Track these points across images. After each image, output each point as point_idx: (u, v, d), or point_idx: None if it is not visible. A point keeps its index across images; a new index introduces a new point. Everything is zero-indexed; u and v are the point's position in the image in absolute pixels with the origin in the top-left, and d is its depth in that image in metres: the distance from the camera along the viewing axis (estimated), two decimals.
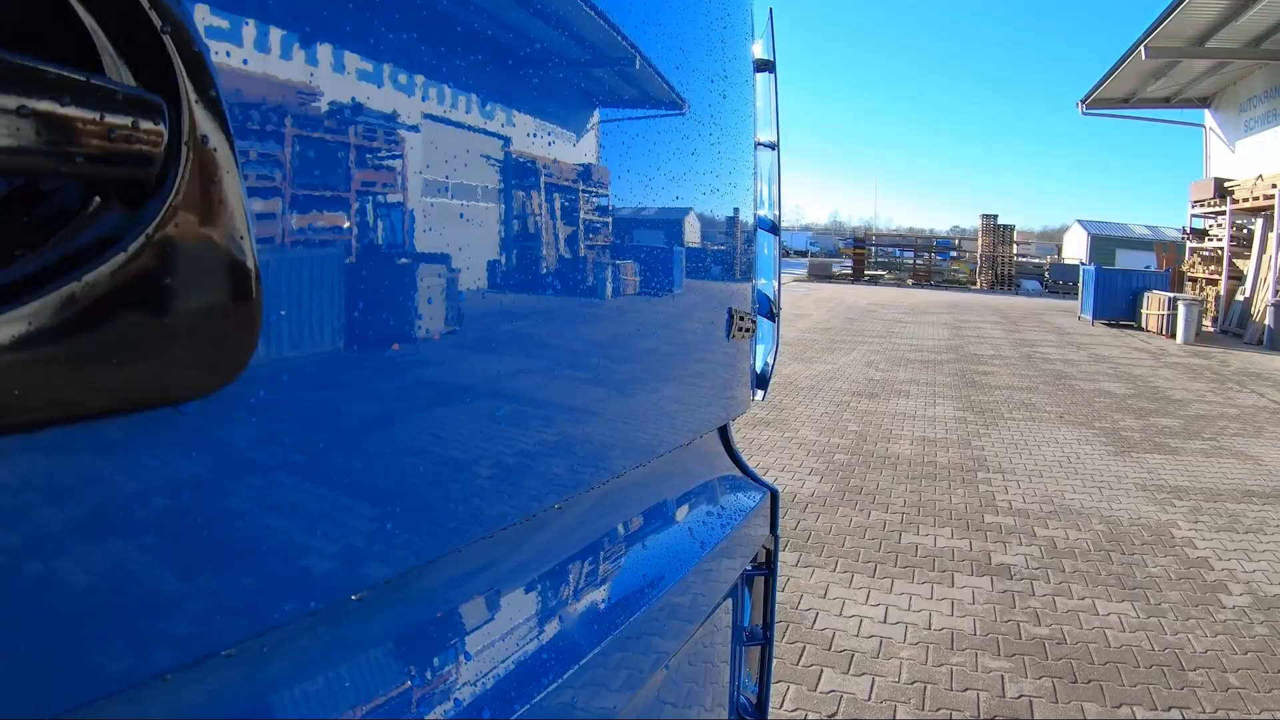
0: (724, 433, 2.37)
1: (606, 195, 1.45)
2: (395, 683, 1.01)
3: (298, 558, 0.85)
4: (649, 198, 1.61)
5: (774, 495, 2.34)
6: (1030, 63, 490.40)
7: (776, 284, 2.64)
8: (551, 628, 1.33)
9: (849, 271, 54.64)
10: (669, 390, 1.84)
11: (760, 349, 2.58)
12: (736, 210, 2.14)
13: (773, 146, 2.50)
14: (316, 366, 0.86)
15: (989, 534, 7.11)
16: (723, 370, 2.17)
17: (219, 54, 0.69)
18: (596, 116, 1.42)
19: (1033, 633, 5.28)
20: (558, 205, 1.29)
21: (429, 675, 1.07)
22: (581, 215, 1.38)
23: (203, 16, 0.67)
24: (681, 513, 1.94)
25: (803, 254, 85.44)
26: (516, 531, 1.29)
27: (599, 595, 1.50)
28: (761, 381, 2.59)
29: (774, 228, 2.54)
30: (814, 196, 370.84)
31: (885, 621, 5.39)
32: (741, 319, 2.14)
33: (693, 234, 1.87)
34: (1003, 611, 5.58)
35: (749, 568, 2.27)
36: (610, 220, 1.47)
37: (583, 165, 1.37)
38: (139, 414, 0.66)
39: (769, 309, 2.61)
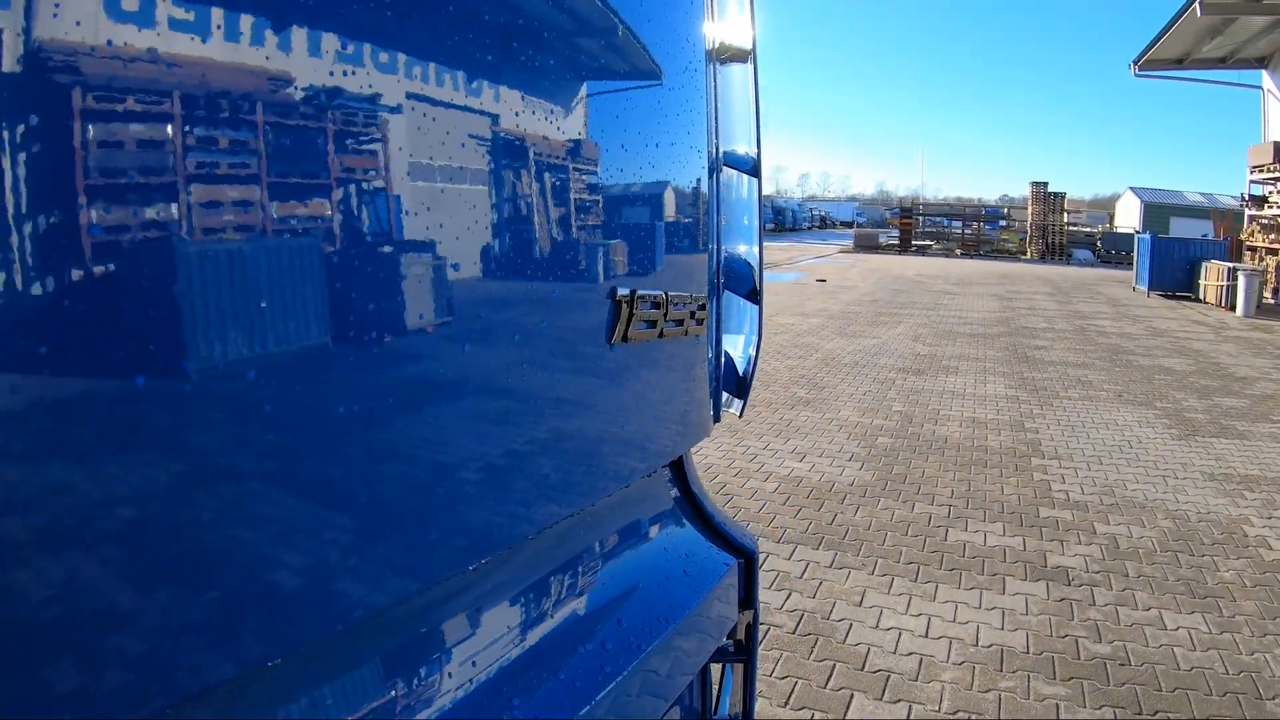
0: (681, 472, 1.75)
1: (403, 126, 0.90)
2: None
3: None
4: (497, 131, 1.03)
5: (749, 559, 1.72)
6: (1081, 21, 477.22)
7: (758, 250, 1.92)
8: None
9: (895, 242, 53.28)
10: (550, 428, 1.22)
11: (737, 342, 1.91)
12: (671, 146, 1.48)
13: (745, 57, 1.80)
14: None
15: (1044, 531, 6.47)
16: (649, 389, 1.49)
17: None
18: None
19: (1093, 651, 4.67)
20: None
21: None
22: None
23: None
24: (593, 611, 1.33)
25: (849, 225, 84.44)
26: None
27: None
28: (740, 388, 1.90)
29: (754, 168, 1.85)
30: (860, 167, 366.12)
31: (927, 635, 4.81)
32: (659, 307, 1.42)
33: (577, 189, 1.23)
34: (1059, 624, 4.96)
35: (728, 645, 1.70)
36: (402, 174, 0.91)
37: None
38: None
39: (752, 286, 1.90)
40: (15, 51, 0.57)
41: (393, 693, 0.98)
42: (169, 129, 0.66)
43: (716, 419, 1.86)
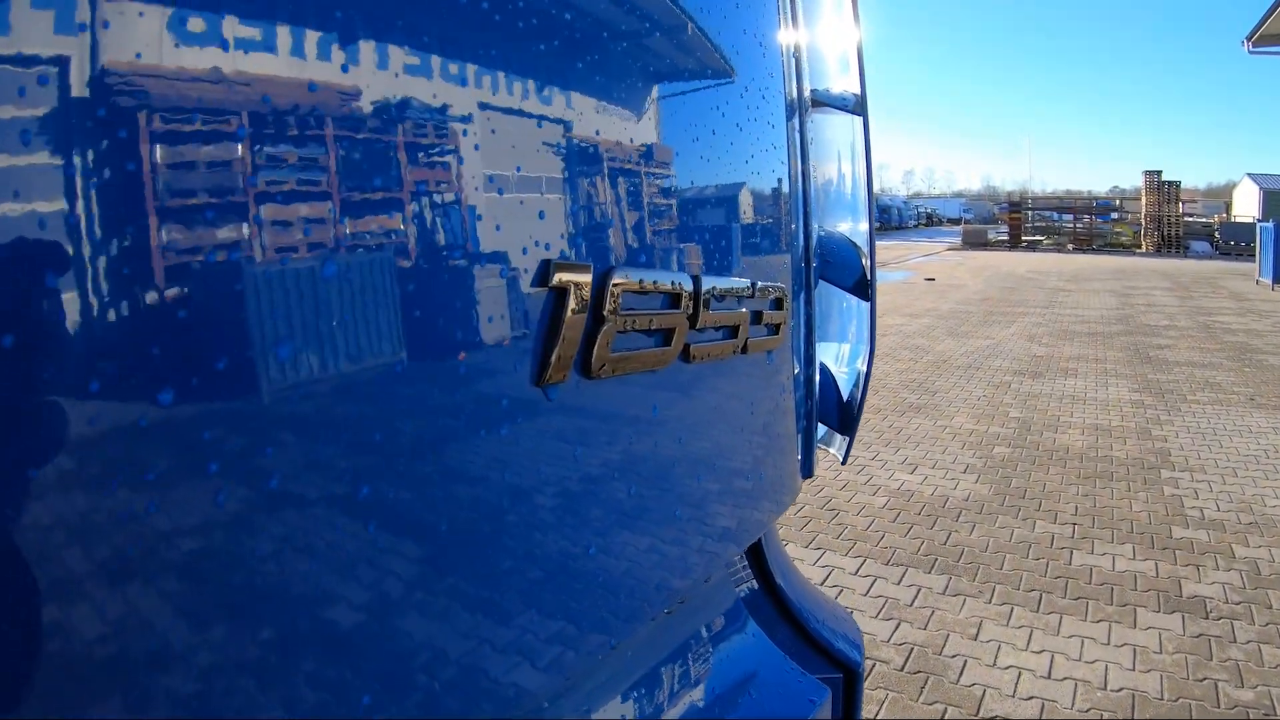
0: (759, 558, 1.33)
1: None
2: None
3: None
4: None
5: (851, 673, 1.29)
6: None
7: (867, 225, 1.43)
8: None
9: (1005, 238, 51.29)
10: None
11: (839, 353, 1.46)
12: (715, 60, 1.05)
13: None
14: None
15: (1178, 554, 5.84)
16: (670, 455, 0.98)
17: None
18: None
19: (1234, 698, 4.11)
20: None
21: None
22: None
23: None
24: None
25: (956, 221, 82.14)
26: None
27: None
28: (844, 420, 1.43)
29: (857, 106, 1.39)
30: (965, 161, 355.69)
31: (1049, 676, 4.32)
32: (679, 305, 0.90)
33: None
34: (1196, 665, 4.41)
35: None
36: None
37: None
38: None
39: (860, 275, 1.40)
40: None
41: None
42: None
43: (808, 473, 1.37)
